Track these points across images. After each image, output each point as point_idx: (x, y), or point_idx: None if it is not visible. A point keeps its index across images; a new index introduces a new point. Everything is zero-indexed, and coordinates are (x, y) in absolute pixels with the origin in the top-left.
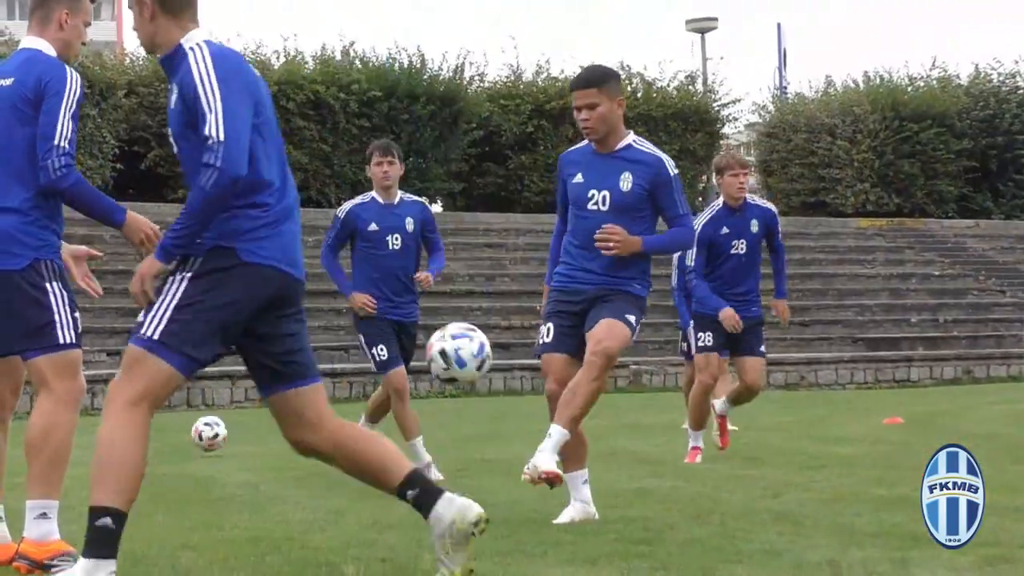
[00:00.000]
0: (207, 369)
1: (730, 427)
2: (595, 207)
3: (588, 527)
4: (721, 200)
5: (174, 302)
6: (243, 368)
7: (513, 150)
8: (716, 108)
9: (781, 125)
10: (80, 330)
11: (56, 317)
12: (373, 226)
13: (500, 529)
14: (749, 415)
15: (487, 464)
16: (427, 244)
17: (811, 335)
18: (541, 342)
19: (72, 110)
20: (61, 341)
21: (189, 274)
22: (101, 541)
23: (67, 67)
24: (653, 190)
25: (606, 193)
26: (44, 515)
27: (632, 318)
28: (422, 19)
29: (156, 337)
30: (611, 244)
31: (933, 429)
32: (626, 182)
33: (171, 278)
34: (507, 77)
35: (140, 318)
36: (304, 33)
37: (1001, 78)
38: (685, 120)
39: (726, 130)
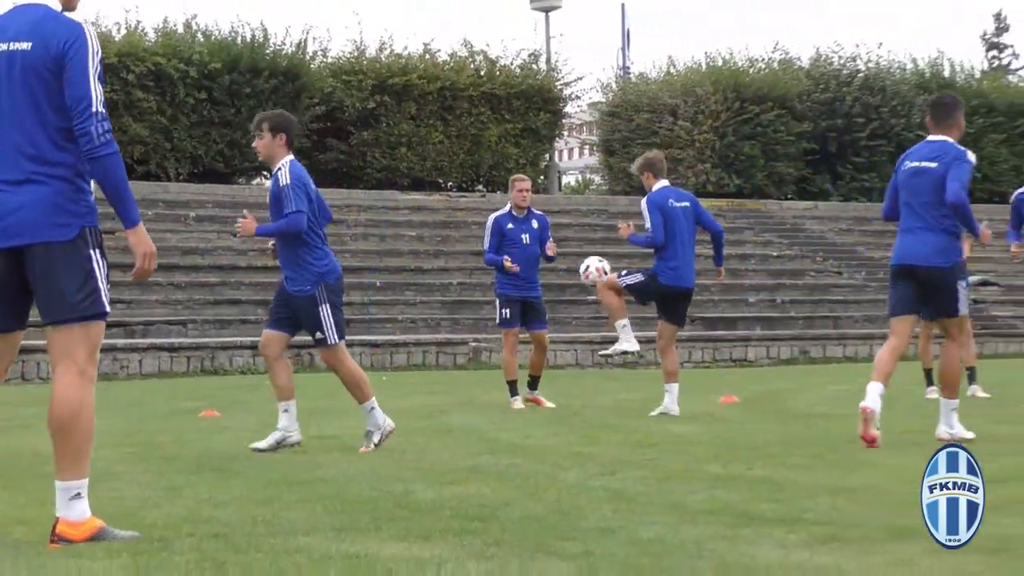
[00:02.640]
0: (43, 342)
1: None
2: None
3: (423, 504)
4: None
5: None
6: None
7: (356, 126)
8: (559, 87)
9: (624, 105)
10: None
11: (99, 285)
12: None
13: (334, 504)
14: (589, 393)
15: (322, 440)
16: None
17: (650, 314)
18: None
19: (98, 72)
20: (102, 310)
21: None
22: None
23: (83, 26)
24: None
25: None
26: (79, 495)
27: None
28: None
29: None
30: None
31: (768, 408)
32: None
33: None
34: (350, 53)
35: None
36: (145, 5)
37: (842, 61)
38: (528, 99)
39: (569, 109)
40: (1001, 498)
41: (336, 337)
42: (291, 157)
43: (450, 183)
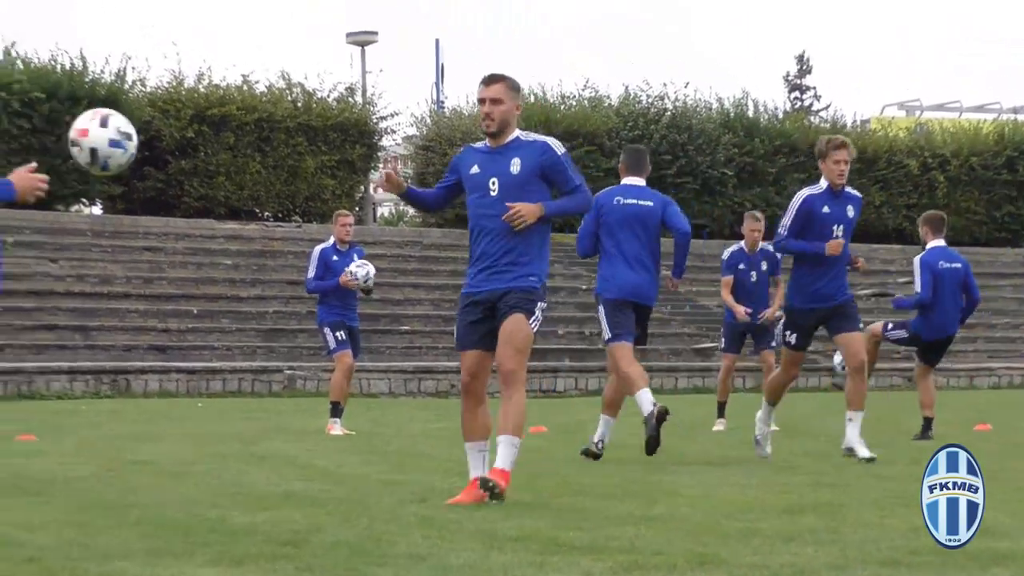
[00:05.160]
0: None
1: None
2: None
3: (236, 529)
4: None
5: None
6: None
7: (174, 155)
8: (375, 120)
9: (438, 139)
10: None
11: None
12: None
13: (148, 528)
14: (402, 421)
15: (137, 464)
16: None
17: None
18: None
19: None
20: None
21: None
22: None
23: None
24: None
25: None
26: None
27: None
28: (84, 23)
29: None
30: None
31: (576, 439)
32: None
33: None
34: (169, 83)
35: None
36: None
37: (649, 100)
38: (344, 131)
39: (384, 142)
40: (798, 528)
41: None
42: None
43: (267, 213)
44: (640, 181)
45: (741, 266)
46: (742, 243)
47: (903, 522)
